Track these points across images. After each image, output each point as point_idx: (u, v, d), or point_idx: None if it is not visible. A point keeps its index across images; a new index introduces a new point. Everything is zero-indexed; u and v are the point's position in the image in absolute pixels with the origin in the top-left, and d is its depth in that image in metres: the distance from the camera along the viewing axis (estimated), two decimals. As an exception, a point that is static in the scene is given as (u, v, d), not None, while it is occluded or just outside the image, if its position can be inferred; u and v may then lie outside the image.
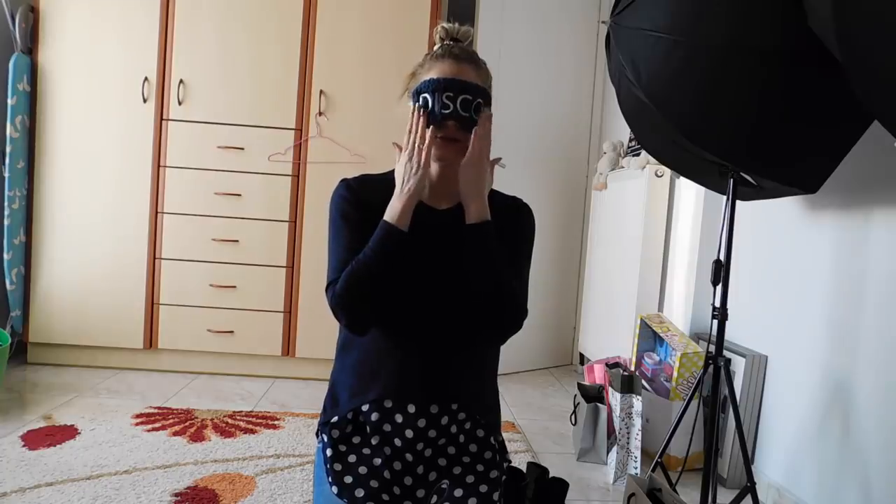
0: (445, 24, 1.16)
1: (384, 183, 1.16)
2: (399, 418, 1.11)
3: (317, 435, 1.19)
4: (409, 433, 1.10)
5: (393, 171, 1.20)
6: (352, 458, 1.11)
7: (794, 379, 1.84)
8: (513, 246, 1.17)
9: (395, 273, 1.07)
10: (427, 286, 1.13)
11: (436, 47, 1.16)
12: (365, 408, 1.12)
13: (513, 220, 1.19)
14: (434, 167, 1.14)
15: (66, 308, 2.72)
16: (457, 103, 1.07)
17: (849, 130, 1.43)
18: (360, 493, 1.06)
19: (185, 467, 1.84)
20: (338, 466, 1.10)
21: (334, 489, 1.07)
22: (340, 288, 1.06)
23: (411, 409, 1.11)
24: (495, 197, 1.22)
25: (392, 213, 1.07)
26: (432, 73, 1.11)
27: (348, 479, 1.08)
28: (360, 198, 1.14)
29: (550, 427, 2.46)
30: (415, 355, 1.13)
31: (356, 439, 1.13)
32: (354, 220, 1.12)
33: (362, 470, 1.09)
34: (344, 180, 1.18)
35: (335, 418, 1.14)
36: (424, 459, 1.12)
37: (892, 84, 1.03)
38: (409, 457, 1.11)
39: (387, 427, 1.11)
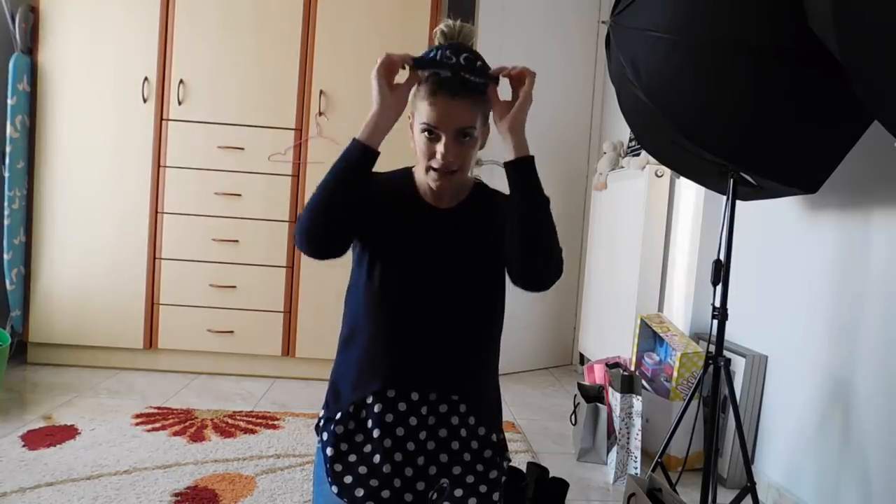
0: (443, 27, 1.11)
1: (389, 182, 1.18)
2: (402, 406, 1.11)
3: (317, 431, 1.18)
4: (412, 420, 1.11)
5: (397, 171, 1.21)
6: (352, 458, 1.11)
7: (794, 379, 1.84)
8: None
9: (356, 196, 1.07)
10: (429, 282, 1.14)
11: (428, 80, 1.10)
12: (369, 400, 1.13)
13: (495, 207, 1.19)
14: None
15: (66, 308, 2.72)
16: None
17: (849, 130, 1.43)
18: (359, 492, 1.07)
19: (185, 467, 1.84)
20: (338, 467, 1.10)
21: (334, 489, 1.07)
22: (302, 214, 1.09)
23: (414, 396, 1.11)
24: (496, 195, 1.23)
25: (363, 128, 1.09)
26: (427, 109, 1.07)
27: (348, 479, 1.08)
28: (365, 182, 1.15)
29: (550, 427, 2.46)
30: (416, 348, 1.14)
31: (358, 437, 1.13)
32: None
33: (362, 470, 1.09)
34: None
35: (338, 414, 1.14)
36: (426, 451, 1.12)
37: (892, 84, 1.03)
38: (410, 446, 1.11)
39: (389, 417, 1.12)
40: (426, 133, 1.09)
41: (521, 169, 1.08)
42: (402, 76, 1.11)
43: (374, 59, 1.09)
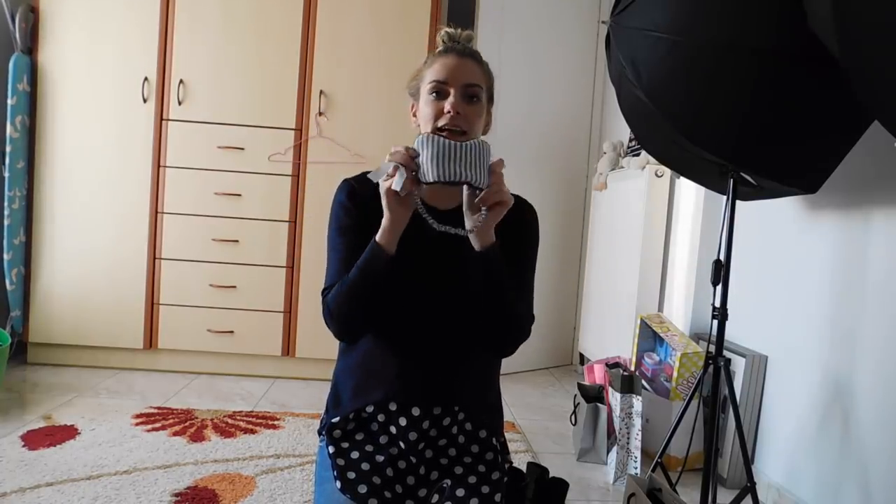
0: (448, 29, 1.16)
1: None
2: (403, 421, 1.11)
3: (319, 433, 1.19)
4: (412, 435, 1.10)
5: None
6: (355, 455, 1.11)
7: (794, 379, 1.84)
8: (519, 250, 1.16)
9: (384, 291, 1.08)
10: (429, 289, 1.13)
11: (439, 48, 1.16)
12: (369, 409, 1.13)
13: (517, 221, 1.16)
14: None
15: (66, 308, 2.72)
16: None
17: (848, 131, 1.43)
18: (363, 489, 1.06)
19: (185, 467, 1.84)
20: (341, 462, 1.10)
21: (338, 484, 1.07)
22: (332, 304, 1.10)
23: (416, 411, 1.11)
24: None
25: (381, 233, 1.05)
26: (436, 67, 1.11)
27: (351, 475, 1.08)
28: (360, 200, 1.14)
29: (550, 427, 2.46)
30: (418, 358, 1.13)
31: (359, 436, 1.13)
32: (352, 230, 1.13)
33: (365, 466, 1.09)
34: (346, 182, 1.18)
35: (337, 418, 1.14)
36: (427, 460, 1.12)
37: (892, 84, 1.03)
38: (412, 458, 1.11)
39: (392, 429, 1.12)
40: (434, 94, 1.10)
41: (486, 260, 1.05)
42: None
43: (374, 59, 1.09)
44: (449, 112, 1.08)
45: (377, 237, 1.06)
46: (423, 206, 1.03)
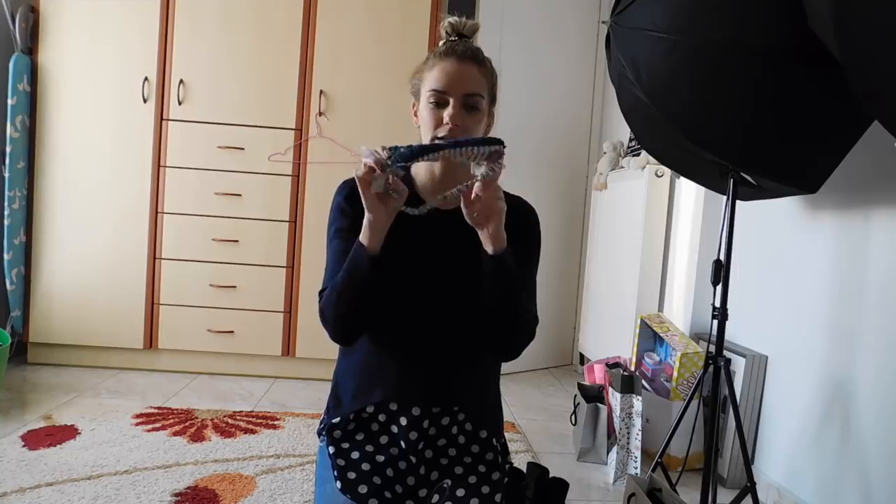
0: (451, 19, 1.14)
1: None
2: (403, 421, 1.11)
3: (319, 434, 1.19)
4: (413, 435, 1.10)
5: None
6: (355, 455, 1.11)
7: (794, 379, 1.84)
8: (520, 252, 1.16)
9: (375, 291, 1.06)
10: (429, 289, 1.13)
11: (440, 44, 1.15)
12: (370, 409, 1.13)
13: (519, 225, 1.16)
14: (436, 165, 1.13)
15: (66, 308, 2.72)
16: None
17: (848, 130, 1.43)
18: (363, 489, 1.06)
19: (185, 467, 1.84)
20: (341, 462, 1.10)
21: (338, 484, 1.07)
22: (325, 306, 1.09)
23: (416, 411, 1.11)
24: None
25: (363, 232, 1.03)
26: (436, 73, 1.10)
27: (351, 476, 1.08)
28: (359, 202, 1.13)
29: (550, 427, 2.46)
30: (418, 358, 1.13)
31: (359, 436, 1.13)
32: (349, 232, 1.12)
33: (365, 467, 1.09)
34: (344, 183, 1.17)
35: (337, 419, 1.14)
36: (427, 461, 1.12)
37: (892, 84, 1.03)
38: (413, 458, 1.11)
39: (394, 428, 1.12)
40: (433, 102, 1.09)
41: (500, 264, 1.02)
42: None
43: (374, 58, 1.08)
44: (447, 123, 1.07)
45: (360, 237, 1.03)
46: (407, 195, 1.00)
